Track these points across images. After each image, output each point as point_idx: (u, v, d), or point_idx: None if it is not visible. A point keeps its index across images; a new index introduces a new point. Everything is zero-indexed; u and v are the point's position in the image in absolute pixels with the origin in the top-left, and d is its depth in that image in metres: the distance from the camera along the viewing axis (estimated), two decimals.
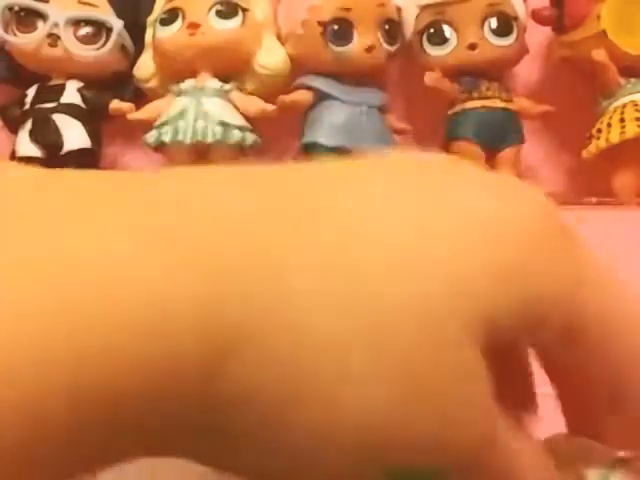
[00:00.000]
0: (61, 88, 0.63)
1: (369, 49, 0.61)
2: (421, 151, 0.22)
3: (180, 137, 0.60)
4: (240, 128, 0.61)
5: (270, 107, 0.62)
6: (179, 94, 0.62)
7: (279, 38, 0.64)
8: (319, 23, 0.61)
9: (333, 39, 0.61)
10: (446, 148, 0.63)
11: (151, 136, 0.62)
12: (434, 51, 0.62)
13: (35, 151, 0.62)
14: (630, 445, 0.24)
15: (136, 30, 0.64)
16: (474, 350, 0.20)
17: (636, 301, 0.23)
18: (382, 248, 0.19)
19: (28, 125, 0.62)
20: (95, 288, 0.17)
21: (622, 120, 0.58)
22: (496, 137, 0.62)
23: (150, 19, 0.63)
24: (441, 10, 0.62)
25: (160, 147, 0.62)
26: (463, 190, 0.21)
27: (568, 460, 0.24)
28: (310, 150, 0.63)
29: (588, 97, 0.62)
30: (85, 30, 0.63)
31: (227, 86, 0.62)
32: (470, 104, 0.62)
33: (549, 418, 0.57)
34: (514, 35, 0.62)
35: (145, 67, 0.64)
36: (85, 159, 0.62)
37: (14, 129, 0.63)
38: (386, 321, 0.19)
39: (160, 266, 0.18)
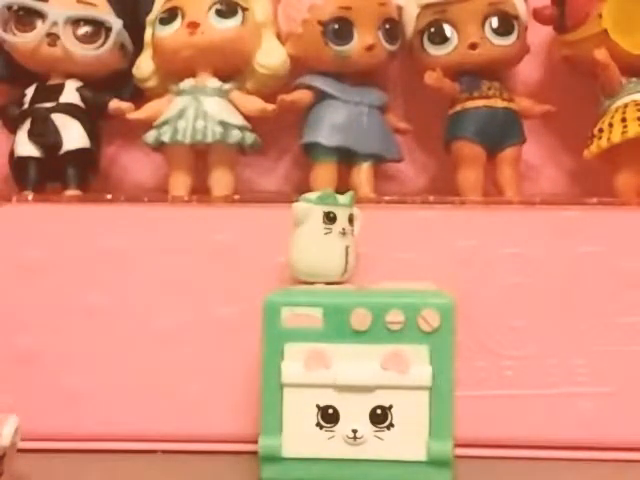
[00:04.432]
0: (60, 87, 0.63)
1: (369, 48, 0.61)
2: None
3: (179, 137, 0.60)
4: (240, 128, 0.61)
5: (270, 107, 0.61)
6: (178, 93, 0.62)
7: (279, 38, 0.63)
8: (319, 22, 0.61)
9: (333, 38, 0.61)
10: (447, 148, 0.63)
11: (150, 136, 0.61)
12: (435, 50, 0.62)
13: (34, 151, 0.61)
14: None
15: (135, 29, 0.64)
16: None
17: None
18: None
19: (27, 125, 0.62)
20: None
21: (624, 120, 0.58)
22: (497, 137, 0.61)
23: (149, 18, 0.63)
24: (442, 9, 0.61)
25: (159, 147, 0.62)
26: None
27: None
28: (310, 150, 0.63)
29: (589, 96, 0.62)
30: (84, 29, 0.62)
31: (227, 85, 0.62)
32: (471, 103, 0.62)
33: (548, 416, 0.57)
34: (515, 34, 0.62)
35: (144, 66, 0.64)
36: (84, 159, 0.62)
37: (13, 129, 0.63)
38: None
39: None
